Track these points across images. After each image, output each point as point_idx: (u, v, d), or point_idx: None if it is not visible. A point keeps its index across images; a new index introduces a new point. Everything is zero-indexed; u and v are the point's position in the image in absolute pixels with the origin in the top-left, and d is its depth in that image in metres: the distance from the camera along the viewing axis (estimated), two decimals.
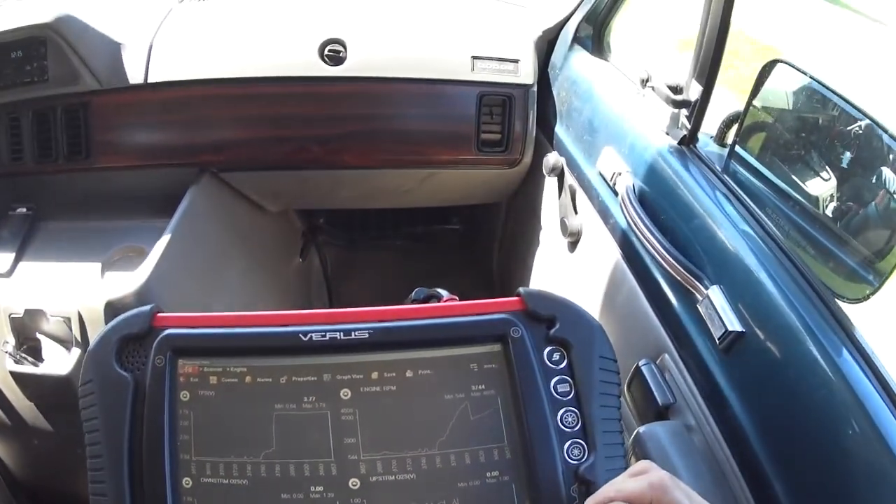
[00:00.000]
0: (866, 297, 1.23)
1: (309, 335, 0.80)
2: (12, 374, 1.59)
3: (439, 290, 1.22)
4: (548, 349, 0.83)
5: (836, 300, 1.15)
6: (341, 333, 0.80)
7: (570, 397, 0.82)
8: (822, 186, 1.38)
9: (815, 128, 1.48)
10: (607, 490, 0.69)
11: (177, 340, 0.80)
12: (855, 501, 0.98)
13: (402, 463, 0.78)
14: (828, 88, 1.42)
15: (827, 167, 1.38)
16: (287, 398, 0.78)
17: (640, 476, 0.69)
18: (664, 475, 0.68)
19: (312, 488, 0.76)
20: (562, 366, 0.83)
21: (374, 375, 0.80)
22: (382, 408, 0.79)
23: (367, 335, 0.81)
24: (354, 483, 0.76)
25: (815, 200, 1.39)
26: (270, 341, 0.81)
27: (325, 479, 0.76)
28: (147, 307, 0.82)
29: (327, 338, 0.80)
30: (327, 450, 0.77)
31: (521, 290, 0.86)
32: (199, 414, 0.77)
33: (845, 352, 1.04)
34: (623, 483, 0.69)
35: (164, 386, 0.77)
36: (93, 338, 0.88)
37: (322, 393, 0.79)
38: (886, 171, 1.27)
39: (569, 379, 0.82)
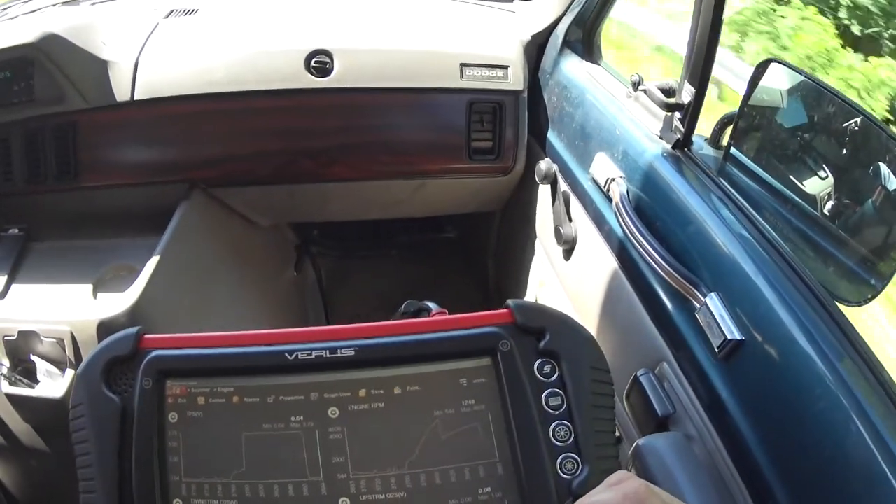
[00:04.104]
0: (867, 300, 1.22)
1: (294, 354, 0.79)
2: (7, 396, 1.58)
3: (428, 304, 1.21)
4: (538, 362, 0.81)
5: (837, 304, 1.13)
6: (327, 351, 0.79)
7: (562, 410, 0.80)
8: (819, 186, 1.37)
9: (811, 126, 1.46)
10: (582, 503, 0.67)
11: (164, 362, 0.79)
12: None
13: (391, 481, 0.76)
14: (822, 86, 1.41)
15: (823, 166, 1.37)
16: (274, 418, 0.77)
17: (616, 486, 0.67)
18: (640, 484, 0.66)
19: None
20: (553, 378, 0.81)
21: (362, 393, 0.79)
22: (371, 425, 0.78)
23: (353, 352, 0.79)
24: (344, 502, 0.75)
25: (812, 200, 1.37)
26: (256, 360, 0.79)
27: (315, 498, 0.75)
28: (133, 329, 0.81)
29: (313, 356, 0.79)
30: (316, 469, 0.76)
31: (509, 302, 0.84)
32: (188, 435, 0.77)
33: (847, 357, 1.03)
34: (598, 495, 0.67)
35: (152, 408, 0.77)
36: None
37: (309, 412, 0.78)
38: (883, 168, 1.26)
39: (560, 392, 0.80)
